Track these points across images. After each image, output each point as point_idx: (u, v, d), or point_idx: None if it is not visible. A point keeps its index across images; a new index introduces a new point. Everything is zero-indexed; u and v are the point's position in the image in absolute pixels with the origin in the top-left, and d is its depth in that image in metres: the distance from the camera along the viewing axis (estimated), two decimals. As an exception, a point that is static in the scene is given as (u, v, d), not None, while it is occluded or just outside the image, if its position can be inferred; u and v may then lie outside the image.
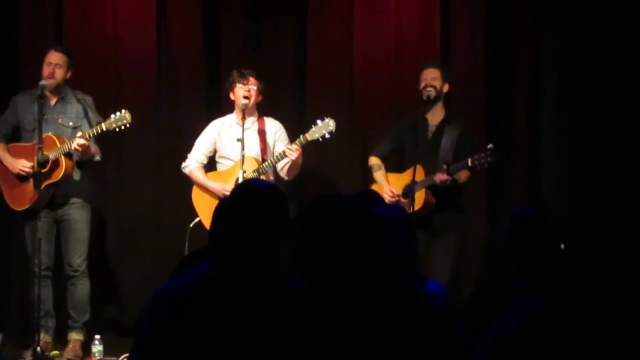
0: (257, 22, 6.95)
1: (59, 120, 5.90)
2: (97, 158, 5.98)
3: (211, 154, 6.15)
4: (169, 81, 6.88)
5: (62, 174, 5.71)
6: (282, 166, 5.95)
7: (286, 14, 6.93)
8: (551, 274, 2.94)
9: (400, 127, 6.11)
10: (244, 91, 5.95)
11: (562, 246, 3.09)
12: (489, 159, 5.57)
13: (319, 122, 5.71)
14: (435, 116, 5.99)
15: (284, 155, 5.75)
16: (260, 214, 2.43)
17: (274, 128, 6.08)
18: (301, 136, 5.76)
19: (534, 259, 3.21)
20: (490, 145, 5.58)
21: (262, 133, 6.03)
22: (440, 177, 5.65)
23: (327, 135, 5.69)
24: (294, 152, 5.69)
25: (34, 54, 6.40)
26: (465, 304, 3.34)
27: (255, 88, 5.97)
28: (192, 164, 6.11)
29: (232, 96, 6.04)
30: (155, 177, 6.77)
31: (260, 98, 6.06)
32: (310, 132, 5.72)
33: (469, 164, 5.61)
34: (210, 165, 6.21)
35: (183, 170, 6.15)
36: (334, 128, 5.68)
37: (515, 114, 6.79)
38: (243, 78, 5.96)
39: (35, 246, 5.70)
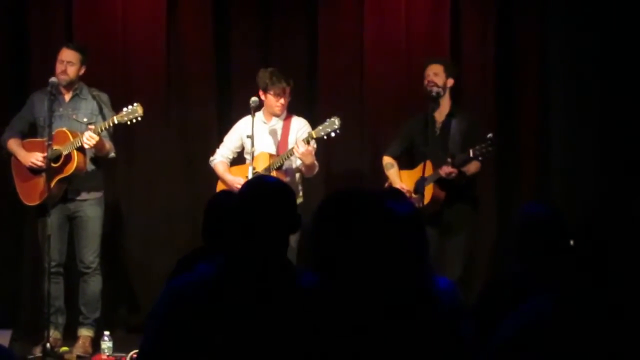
0: (268, 20, 6.95)
1: (73, 116, 5.92)
2: (112, 154, 6.00)
3: (238, 150, 6.18)
4: (179, 79, 6.88)
5: (73, 168, 5.73)
6: (300, 164, 5.97)
7: (296, 12, 6.93)
8: (560, 271, 2.93)
9: (410, 126, 6.10)
10: (280, 104, 5.94)
11: (572, 242, 3.08)
12: (490, 148, 5.56)
13: (327, 120, 5.73)
14: (442, 111, 6.00)
15: (292, 152, 5.79)
16: (266, 210, 2.43)
17: (298, 126, 6.08)
18: (307, 133, 5.78)
19: (543, 256, 3.20)
20: (489, 135, 5.58)
21: (284, 131, 6.04)
22: (446, 169, 5.65)
23: (332, 134, 5.72)
24: (299, 148, 5.71)
25: (44, 52, 6.43)
26: (475, 300, 3.34)
27: (288, 96, 5.98)
28: (218, 158, 6.16)
29: (262, 96, 5.99)
30: (167, 175, 6.78)
31: (289, 98, 6.06)
32: (317, 130, 5.77)
33: (471, 154, 5.61)
34: (241, 161, 6.22)
35: (210, 163, 6.17)
36: (339, 126, 5.70)
37: (524, 112, 6.78)
38: (278, 88, 5.91)
39: (45, 242, 5.71)
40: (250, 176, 5.66)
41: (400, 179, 6.00)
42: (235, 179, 5.95)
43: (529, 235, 3.28)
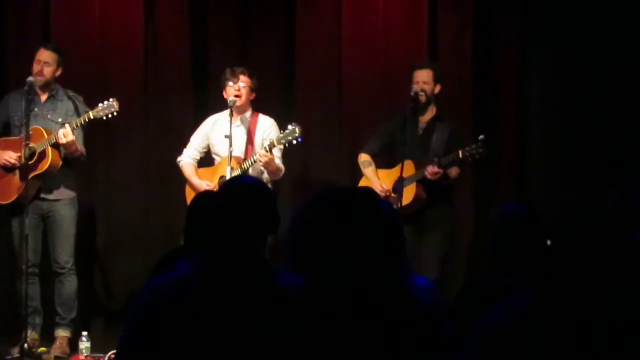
0: (246, 19, 6.95)
1: (49, 116, 5.90)
2: (83, 157, 5.97)
3: (205, 150, 6.14)
4: (157, 78, 6.87)
5: (48, 164, 5.71)
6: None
7: (275, 12, 6.93)
8: (538, 270, 2.95)
9: (390, 125, 6.10)
10: (235, 90, 5.92)
11: (549, 243, 3.11)
12: (481, 150, 5.56)
13: (289, 127, 5.69)
14: (427, 114, 6.00)
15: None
16: (246, 210, 2.43)
17: (265, 126, 6.06)
18: (269, 142, 5.77)
19: (521, 255, 3.22)
20: (481, 137, 5.58)
21: (251, 131, 6.03)
22: (432, 169, 5.65)
23: (293, 142, 5.67)
24: (262, 158, 5.69)
25: (22, 51, 6.41)
26: (453, 300, 3.36)
27: (246, 86, 5.96)
28: (185, 159, 6.12)
29: (225, 94, 6.01)
30: (143, 175, 6.78)
31: (253, 96, 6.04)
32: (277, 138, 5.72)
33: (460, 156, 5.61)
34: (209, 161, 6.19)
35: (178, 164, 6.14)
36: (300, 135, 5.63)
37: (502, 111, 6.80)
38: (233, 76, 5.93)
39: (22, 243, 5.69)
40: (228, 176, 5.63)
41: (378, 178, 6.00)
42: (202, 183, 5.90)
43: (505, 235, 3.30)
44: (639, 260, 1.99)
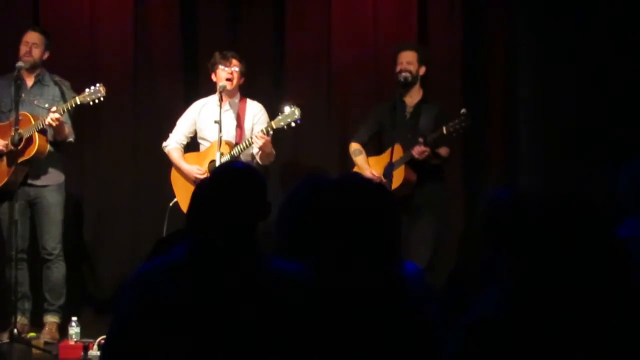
0: (235, 5, 6.93)
1: (35, 102, 5.88)
2: (71, 139, 5.96)
3: (192, 135, 6.12)
4: (147, 65, 6.86)
5: (35, 150, 5.69)
6: (256, 152, 5.92)
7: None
8: (526, 257, 2.96)
9: (378, 111, 6.11)
10: (227, 73, 5.90)
11: (533, 229, 3.11)
12: (463, 124, 5.59)
13: (286, 109, 5.66)
14: (413, 97, 6.01)
15: (250, 142, 5.73)
16: (237, 196, 2.43)
17: (254, 111, 6.05)
18: (266, 124, 5.74)
19: (509, 241, 3.23)
20: (463, 110, 5.60)
21: (240, 116, 6.01)
22: (418, 149, 5.67)
23: (292, 124, 5.64)
24: (259, 140, 5.66)
25: (10, 36, 6.36)
26: (443, 286, 3.36)
27: (237, 70, 5.94)
28: (172, 144, 6.09)
29: (214, 77, 5.98)
30: (132, 160, 6.78)
31: (242, 80, 6.02)
32: (276, 120, 5.66)
33: (444, 131, 5.63)
34: (194, 145, 6.18)
35: (164, 149, 6.12)
36: (300, 116, 5.62)
37: (492, 98, 6.81)
38: (225, 60, 5.90)
39: (10, 229, 5.68)
40: (218, 162, 5.62)
41: (369, 165, 6.01)
42: (192, 168, 5.90)
43: (494, 220, 3.30)
44: (622, 253, 2.00)
